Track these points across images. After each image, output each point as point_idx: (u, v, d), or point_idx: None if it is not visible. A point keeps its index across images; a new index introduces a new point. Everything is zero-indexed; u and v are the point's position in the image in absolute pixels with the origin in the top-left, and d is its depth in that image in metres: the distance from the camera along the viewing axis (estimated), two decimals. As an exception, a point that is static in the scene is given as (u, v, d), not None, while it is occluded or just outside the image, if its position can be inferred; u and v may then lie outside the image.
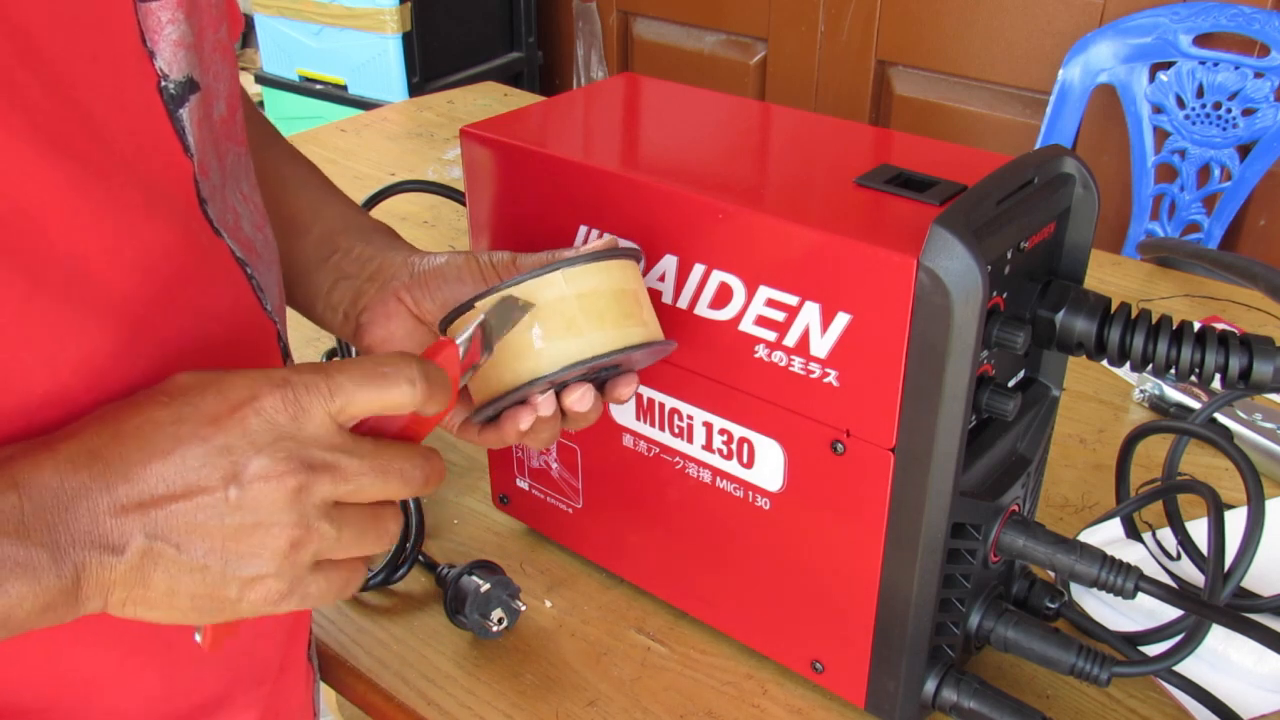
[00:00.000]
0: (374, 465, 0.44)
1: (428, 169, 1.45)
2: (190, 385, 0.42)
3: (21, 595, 0.39)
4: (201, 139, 0.50)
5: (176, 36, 0.47)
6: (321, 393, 0.42)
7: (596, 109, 0.74)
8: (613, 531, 0.73)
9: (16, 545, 0.38)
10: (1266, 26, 1.67)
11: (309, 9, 2.48)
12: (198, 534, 0.41)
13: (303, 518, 0.42)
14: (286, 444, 0.42)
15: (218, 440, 0.41)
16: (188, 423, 0.41)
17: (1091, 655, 0.60)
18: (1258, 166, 1.73)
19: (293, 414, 0.42)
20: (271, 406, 0.42)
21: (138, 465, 0.40)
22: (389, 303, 0.61)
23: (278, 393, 0.42)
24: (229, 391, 0.42)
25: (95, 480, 0.40)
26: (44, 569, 0.39)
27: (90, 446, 0.40)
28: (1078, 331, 0.57)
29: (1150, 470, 0.82)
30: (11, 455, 0.40)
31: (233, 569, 0.42)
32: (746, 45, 2.38)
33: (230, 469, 0.41)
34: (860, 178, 0.58)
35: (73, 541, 0.39)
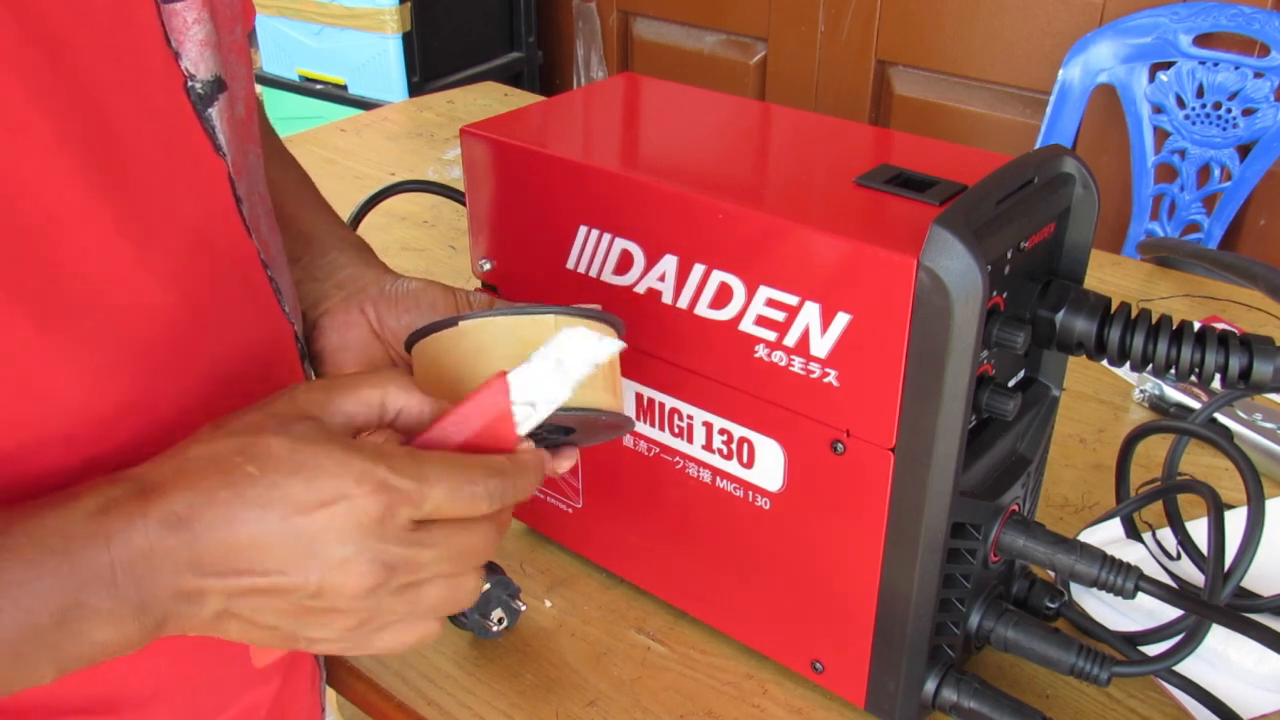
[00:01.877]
0: (448, 553, 0.44)
1: (428, 169, 1.45)
2: (280, 460, 0.41)
3: (105, 642, 0.40)
4: (232, 138, 0.50)
5: (202, 36, 0.47)
6: (412, 502, 0.42)
7: (596, 109, 0.74)
8: (613, 531, 0.73)
9: (107, 598, 0.39)
10: (1266, 26, 1.67)
11: (309, 9, 2.48)
12: (271, 610, 0.42)
13: (376, 604, 0.43)
14: (370, 545, 0.42)
15: (304, 532, 0.41)
16: (275, 509, 0.41)
17: (1091, 655, 0.60)
18: (1258, 166, 1.73)
19: (380, 518, 0.41)
20: (362, 509, 0.41)
21: (223, 542, 0.41)
22: (351, 312, 0.60)
23: (371, 498, 0.41)
24: (320, 483, 0.41)
25: (183, 548, 0.40)
26: (129, 620, 0.40)
27: (180, 513, 0.40)
28: (1078, 331, 0.57)
29: (1150, 470, 0.82)
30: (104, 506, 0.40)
31: (303, 632, 0.43)
32: (746, 45, 2.38)
33: (313, 562, 0.41)
34: (860, 178, 0.58)
35: (157, 599, 0.40)
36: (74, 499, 0.40)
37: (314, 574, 0.41)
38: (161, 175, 0.45)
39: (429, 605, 0.44)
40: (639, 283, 0.62)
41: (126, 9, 0.43)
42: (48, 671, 0.40)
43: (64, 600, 0.39)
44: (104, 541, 0.39)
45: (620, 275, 0.63)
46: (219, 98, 0.48)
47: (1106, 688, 0.67)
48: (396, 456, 0.42)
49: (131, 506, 0.40)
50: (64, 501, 0.40)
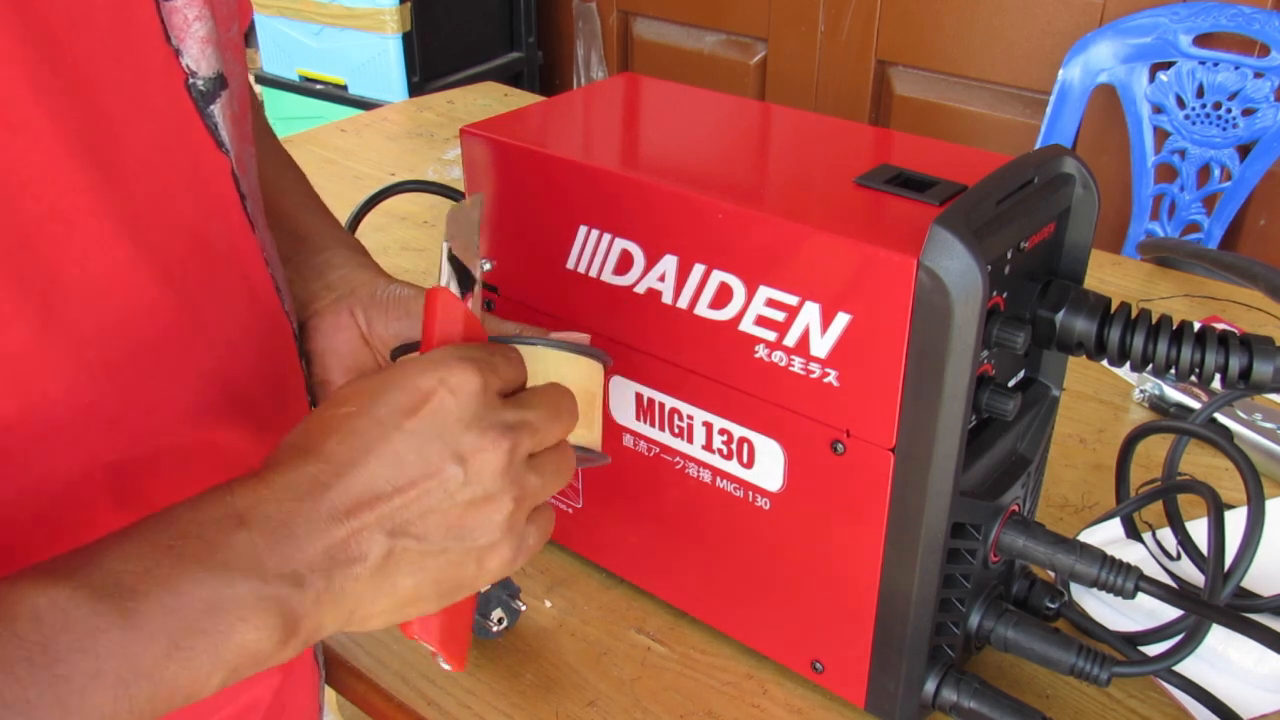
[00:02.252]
0: (548, 412, 0.46)
1: (428, 169, 1.45)
2: (369, 388, 0.43)
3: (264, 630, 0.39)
4: (234, 135, 0.50)
5: (203, 33, 0.47)
6: (494, 370, 0.45)
7: (596, 109, 0.74)
8: (613, 531, 0.73)
9: (256, 581, 0.39)
10: (1266, 26, 1.67)
11: (309, 9, 2.48)
12: (434, 518, 0.42)
13: (518, 477, 0.44)
14: (486, 415, 0.43)
15: (425, 428, 0.42)
16: (387, 424, 0.42)
17: (1091, 655, 0.60)
18: (1258, 166, 1.73)
19: (480, 388, 0.43)
20: (461, 385, 0.43)
21: (356, 474, 0.41)
22: (340, 315, 0.60)
23: (463, 372, 0.43)
24: (414, 380, 0.43)
25: (321, 507, 0.40)
26: (289, 600, 0.39)
27: (303, 474, 0.41)
28: (1078, 331, 0.57)
29: (1150, 470, 0.82)
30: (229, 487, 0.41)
31: (470, 543, 0.44)
32: (746, 45, 2.38)
33: (447, 451, 0.42)
34: (860, 178, 0.58)
35: (311, 564, 0.40)
36: (200, 495, 0.40)
37: (451, 461, 0.42)
38: (159, 174, 0.45)
39: (552, 470, 0.46)
40: (639, 283, 0.62)
41: (125, 7, 0.43)
42: (212, 675, 0.38)
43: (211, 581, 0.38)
44: (238, 520, 0.39)
45: (620, 275, 0.63)
46: (221, 95, 0.49)
47: (1106, 688, 0.67)
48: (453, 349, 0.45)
49: (254, 484, 0.40)
50: (190, 500, 0.40)
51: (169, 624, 0.37)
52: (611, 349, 0.65)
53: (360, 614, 0.42)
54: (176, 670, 0.37)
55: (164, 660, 0.37)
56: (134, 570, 0.37)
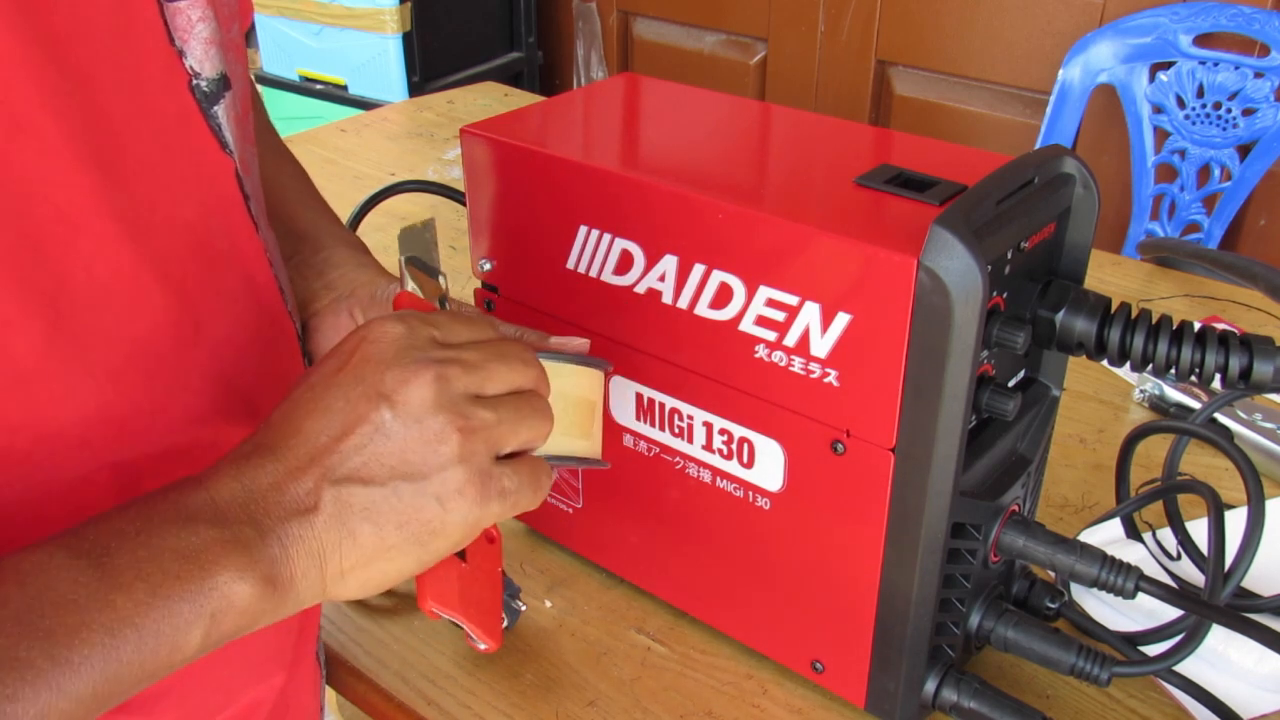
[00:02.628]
0: (489, 352, 0.47)
1: (428, 169, 1.45)
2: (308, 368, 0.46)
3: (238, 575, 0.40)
4: (238, 135, 0.50)
5: (207, 34, 0.47)
6: (422, 319, 0.46)
7: (596, 109, 0.74)
8: (613, 531, 0.73)
9: (219, 528, 0.41)
10: (1266, 26, 1.67)
11: (309, 9, 2.48)
12: (374, 460, 0.43)
13: (455, 406, 0.45)
14: (409, 352, 0.45)
15: (349, 378, 0.44)
16: (319, 382, 0.45)
17: (1091, 655, 0.60)
18: (1258, 166, 1.73)
19: (403, 330, 0.45)
20: (381, 332, 0.45)
21: (295, 432, 0.44)
22: (340, 315, 0.60)
23: (386, 325, 0.45)
24: (343, 345, 0.46)
25: (267, 462, 0.43)
26: (253, 543, 0.41)
27: (252, 445, 0.44)
28: (1078, 331, 0.57)
29: (1150, 470, 0.82)
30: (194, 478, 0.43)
31: (421, 481, 0.44)
32: (746, 45, 2.38)
33: (371, 392, 0.44)
34: (860, 178, 0.58)
35: (268, 515, 0.42)
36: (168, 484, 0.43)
37: (378, 401, 0.43)
38: (162, 176, 0.45)
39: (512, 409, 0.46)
40: (639, 283, 0.62)
41: (128, 9, 0.43)
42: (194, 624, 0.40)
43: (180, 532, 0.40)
44: (198, 485, 0.42)
45: (620, 275, 0.63)
46: (224, 95, 0.49)
47: (1106, 688, 0.67)
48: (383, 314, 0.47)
49: (214, 466, 0.43)
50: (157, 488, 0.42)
51: (144, 572, 0.39)
52: (611, 349, 0.65)
53: (333, 568, 0.43)
54: (158, 619, 0.39)
55: (145, 608, 0.38)
56: (106, 531, 0.40)
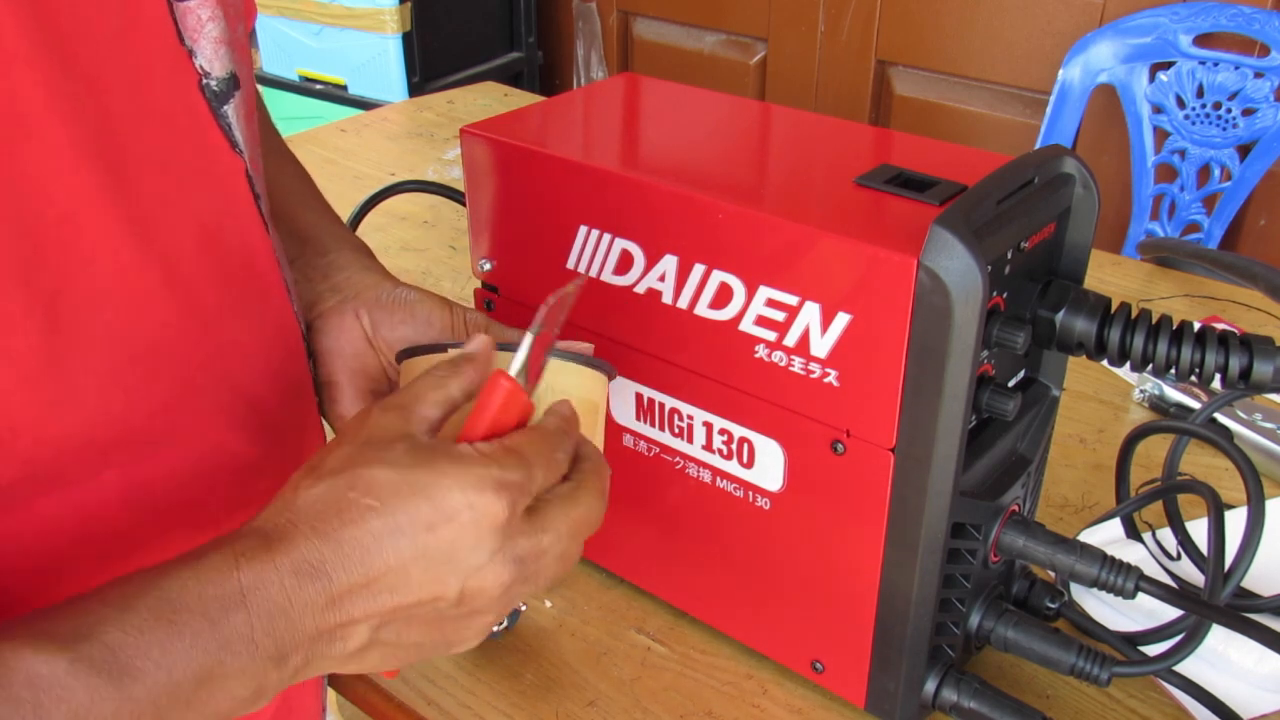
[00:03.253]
0: (565, 529, 0.46)
1: (428, 169, 1.45)
2: (396, 486, 0.42)
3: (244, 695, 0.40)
4: (247, 134, 0.50)
5: (217, 34, 0.47)
6: (525, 491, 0.44)
7: (596, 109, 0.74)
8: (612, 531, 0.73)
9: (246, 655, 0.40)
10: (1266, 26, 1.67)
11: (309, 9, 2.48)
12: (420, 626, 0.43)
13: (509, 599, 0.45)
14: (503, 544, 0.43)
15: (439, 548, 0.42)
16: (405, 535, 0.42)
17: (1091, 655, 0.60)
18: (1258, 166, 1.73)
19: (507, 518, 0.43)
20: (487, 513, 0.42)
21: (360, 579, 0.41)
22: (345, 317, 0.60)
23: (494, 500, 0.42)
24: (442, 499, 0.42)
25: (320, 594, 0.41)
26: (268, 671, 0.41)
27: (311, 559, 0.41)
28: (1078, 331, 0.57)
29: (1150, 470, 0.82)
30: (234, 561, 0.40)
31: (444, 645, 0.45)
32: (746, 45, 2.38)
33: (451, 575, 0.42)
34: (860, 178, 0.58)
35: (297, 645, 0.41)
36: (205, 556, 0.40)
37: (454, 585, 0.42)
38: (171, 175, 0.45)
39: (545, 581, 0.46)
40: (639, 283, 0.62)
41: (135, 9, 0.43)
42: None
43: (205, 661, 0.39)
44: (240, 600, 0.40)
45: (620, 275, 0.63)
46: (234, 95, 0.49)
47: (1106, 688, 0.67)
48: (495, 453, 0.44)
49: (262, 559, 0.40)
50: (196, 559, 0.40)
51: (160, 697, 0.38)
52: (611, 349, 0.65)
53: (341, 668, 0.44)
54: None
55: None
56: (133, 644, 0.38)
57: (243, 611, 0.39)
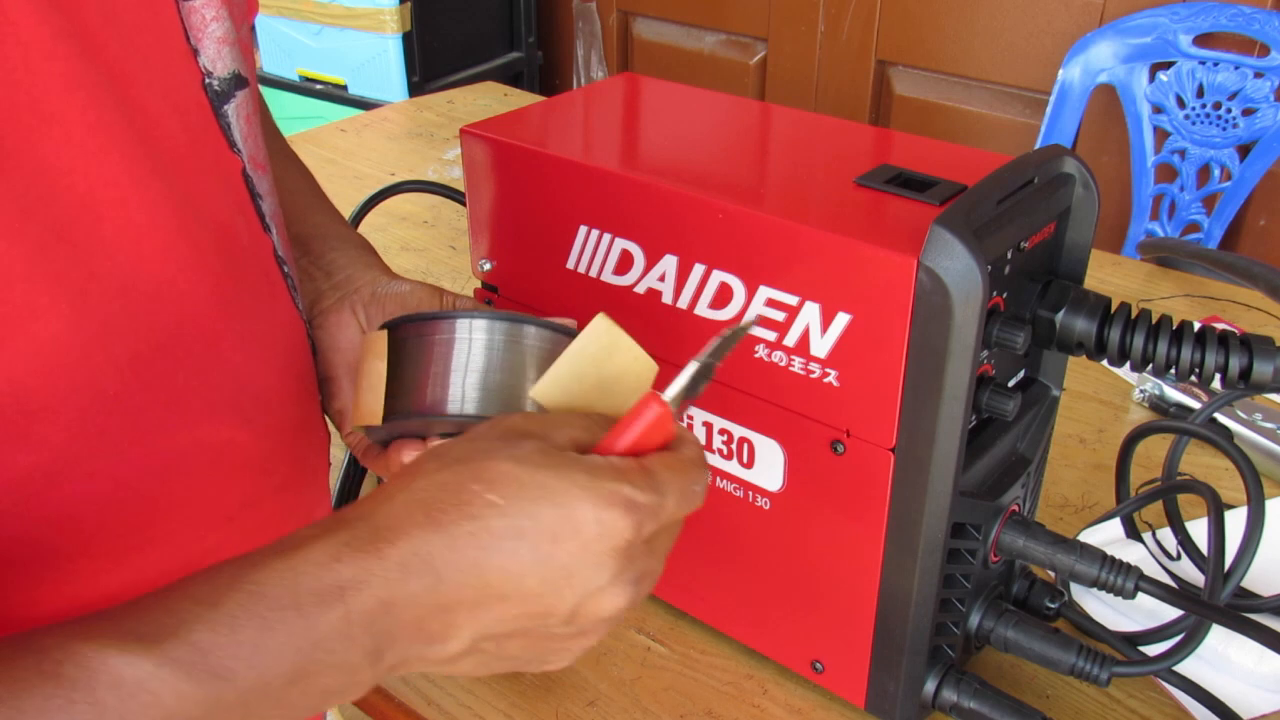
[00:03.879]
0: (666, 554, 0.44)
1: (428, 169, 1.45)
2: (523, 485, 0.39)
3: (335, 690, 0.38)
4: (249, 134, 0.50)
5: (221, 34, 0.47)
6: (655, 517, 0.41)
7: (596, 109, 0.74)
8: (613, 531, 0.73)
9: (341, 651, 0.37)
10: (1266, 26, 1.67)
11: (309, 9, 2.48)
12: (522, 639, 0.41)
13: (618, 621, 0.43)
14: (624, 566, 0.41)
15: (559, 559, 0.39)
16: (527, 539, 0.39)
17: (1091, 655, 0.60)
18: (1258, 166, 1.73)
19: (632, 540, 0.40)
20: (615, 531, 0.40)
21: (472, 580, 0.39)
22: (343, 313, 0.61)
23: (623, 519, 0.40)
24: (570, 508, 0.39)
25: (427, 592, 0.38)
26: (362, 668, 0.38)
27: (421, 553, 0.38)
28: (1078, 331, 0.57)
29: (1150, 470, 0.82)
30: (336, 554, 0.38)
31: (540, 661, 0.43)
32: (746, 45, 2.38)
33: (568, 590, 0.40)
34: (860, 178, 0.58)
35: (395, 643, 0.39)
36: (302, 546, 0.38)
37: (568, 602, 0.40)
38: (187, 168, 0.46)
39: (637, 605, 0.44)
40: (639, 283, 0.62)
41: (149, 7, 0.44)
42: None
43: (298, 659, 0.37)
44: (338, 595, 0.37)
45: (620, 275, 0.63)
46: (236, 94, 0.49)
47: (1106, 688, 0.67)
48: (631, 471, 0.41)
49: (366, 552, 0.38)
50: (292, 549, 0.38)
51: (250, 698, 0.36)
52: (611, 349, 0.65)
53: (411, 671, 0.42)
54: None
55: None
56: (223, 644, 0.36)
57: (340, 607, 0.37)
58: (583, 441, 0.43)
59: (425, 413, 0.52)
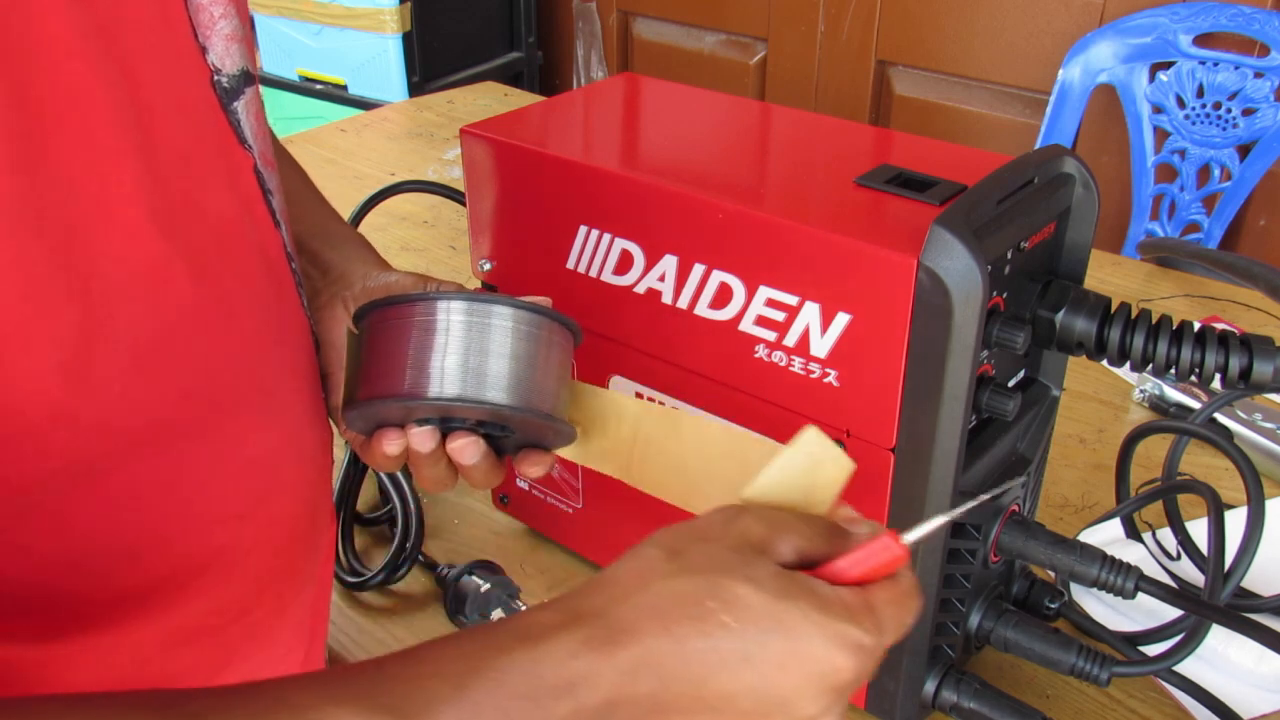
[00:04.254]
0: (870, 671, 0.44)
1: (428, 169, 1.45)
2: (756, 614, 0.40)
3: None
4: (258, 131, 0.50)
5: (229, 31, 0.48)
6: (876, 659, 0.41)
7: (596, 109, 0.74)
8: (613, 531, 0.73)
9: None
10: (1266, 26, 1.67)
11: (309, 9, 2.48)
12: None
13: None
14: (836, 702, 0.41)
15: (778, 690, 0.40)
16: (752, 667, 0.39)
17: (1091, 655, 0.60)
18: (1258, 166, 1.73)
19: (849, 681, 0.40)
20: (839, 673, 0.40)
21: (691, 693, 0.39)
22: (336, 307, 0.61)
23: (849, 662, 0.40)
24: (800, 645, 0.40)
25: (650, 697, 0.39)
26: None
27: (651, 661, 0.39)
28: (1078, 331, 0.57)
29: (1150, 470, 0.82)
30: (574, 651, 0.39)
31: None
32: (746, 45, 2.38)
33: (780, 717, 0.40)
34: (860, 178, 0.58)
35: None
36: (545, 638, 0.39)
37: None
38: (191, 169, 0.46)
39: None
40: (639, 283, 0.62)
41: (158, 4, 0.44)
42: None
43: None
44: (570, 689, 0.38)
45: (620, 275, 0.63)
46: (245, 91, 0.49)
47: (1106, 688, 0.67)
48: (859, 611, 0.41)
49: (602, 652, 0.39)
50: (536, 639, 0.39)
51: None
52: (612, 349, 0.65)
53: None
54: None
55: None
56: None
57: (570, 702, 0.38)
58: (806, 552, 0.43)
59: (402, 397, 0.51)
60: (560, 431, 0.54)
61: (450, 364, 0.50)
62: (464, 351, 0.50)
